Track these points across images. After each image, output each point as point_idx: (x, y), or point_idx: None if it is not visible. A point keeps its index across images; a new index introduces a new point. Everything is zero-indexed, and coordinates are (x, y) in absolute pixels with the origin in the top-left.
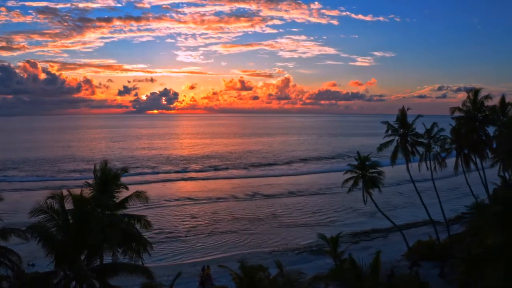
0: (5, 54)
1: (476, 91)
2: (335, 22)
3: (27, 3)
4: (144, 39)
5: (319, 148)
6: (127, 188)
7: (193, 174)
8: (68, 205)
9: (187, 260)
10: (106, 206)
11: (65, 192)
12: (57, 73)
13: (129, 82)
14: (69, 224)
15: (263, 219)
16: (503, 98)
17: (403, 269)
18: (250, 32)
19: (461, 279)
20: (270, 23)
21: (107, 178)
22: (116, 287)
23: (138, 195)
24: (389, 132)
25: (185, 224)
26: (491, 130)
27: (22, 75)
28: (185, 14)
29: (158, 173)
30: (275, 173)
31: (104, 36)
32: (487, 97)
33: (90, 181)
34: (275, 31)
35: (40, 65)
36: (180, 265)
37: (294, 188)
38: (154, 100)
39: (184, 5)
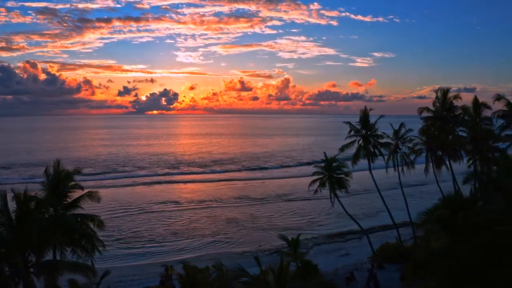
0: (4, 54)
1: (445, 91)
2: (334, 22)
3: (26, 4)
4: (143, 40)
5: (314, 149)
6: (82, 188)
7: (180, 177)
8: None
9: (158, 260)
10: (50, 205)
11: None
12: (57, 74)
13: (129, 82)
14: (11, 223)
15: (244, 221)
16: (475, 98)
17: (365, 271)
18: (249, 33)
19: (407, 283)
20: (269, 23)
21: (59, 178)
22: (58, 286)
23: (90, 195)
24: (352, 132)
25: (163, 225)
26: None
27: (22, 75)
28: (184, 14)
29: (148, 175)
30: (263, 176)
31: (104, 36)
32: (456, 96)
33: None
34: (274, 31)
35: (40, 66)
36: (150, 265)
37: (281, 190)
38: (154, 101)
39: (184, 5)
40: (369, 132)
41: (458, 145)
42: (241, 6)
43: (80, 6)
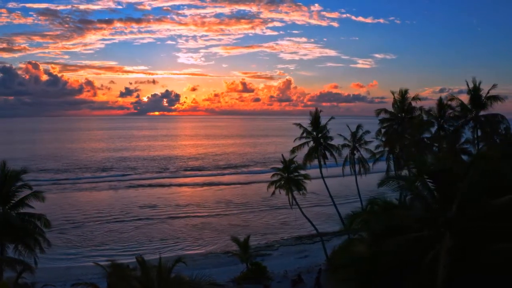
0: (6, 55)
1: (403, 91)
2: (335, 24)
3: (28, 5)
4: (145, 41)
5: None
6: (30, 188)
7: (168, 180)
8: None
9: (125, 261)
10: None
11: None
12: (59, 75)
13: (130, 84)
14: None
15: (220, 223)
16: (440, 99)
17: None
18: (250, 34)
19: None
20: (270, 25)
21: (5, 178)
22: None
23: (35, 194)
24: (304, 134)
25: (139, 227)
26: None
27: (23, 76)
28: (185, 16)
29: (136, 179)
30: (251, 179)
31: (105, 37)
32: (415, 98)
33: None
34: (275, 33)
35: (41, 67)
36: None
37: (265, 193)
38: (155, 102)
39: (185, 7)
40: (319, 134)
41: (414, 147)
42: (242, 7)
43: (81, 7)
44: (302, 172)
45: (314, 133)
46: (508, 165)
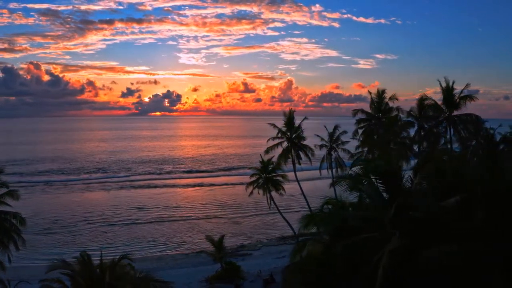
0: (7, 56)
1: (380, 91)
2: (336, 24)
3: (29, 5)
4: (146, 41)
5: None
6: (7, 187)
7: (161, 181)
8: None
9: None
10: None
11: None
12: (60, 75)
13: (132, 84)
14: None
15: (207, 224)
16: (421, 99)
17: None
18: (251, 35)
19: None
20: (271, 25)
21: None
22: None
23: (10, 193)
24: (279, 135)
25: (128, 228)
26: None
27: (25, 76)
28: (186, 16)
29: (128, 180)
30: (245, 180)
31: (106, 38)
32: (392, 97)
33: None
34: (276, 33)
35: (43, 67)
36: None
37: (255, 194)
38: (157, 102)
39: (186, 7)
40: (294, 135)
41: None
42: (243, 7)
43: (82, 7)
44: (280, 172)
45: (288, 133)
46: (483, 165)
